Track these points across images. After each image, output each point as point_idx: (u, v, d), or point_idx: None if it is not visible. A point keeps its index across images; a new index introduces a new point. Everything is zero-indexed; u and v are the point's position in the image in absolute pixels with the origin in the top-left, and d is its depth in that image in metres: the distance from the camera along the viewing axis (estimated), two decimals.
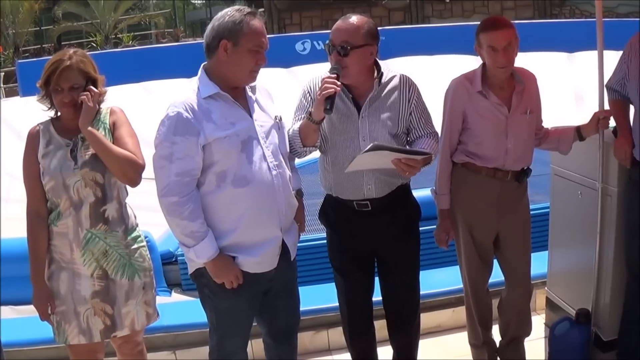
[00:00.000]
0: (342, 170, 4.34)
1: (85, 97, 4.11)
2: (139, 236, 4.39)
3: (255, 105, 4.06)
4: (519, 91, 4.74)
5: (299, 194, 4.35)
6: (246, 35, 3.83)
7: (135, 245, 4.34)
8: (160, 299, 5.79)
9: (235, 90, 3.98)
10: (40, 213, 4.20)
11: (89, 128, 4.10)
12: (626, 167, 4.76)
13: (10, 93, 26.39)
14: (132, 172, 4.16)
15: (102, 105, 4.29)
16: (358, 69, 4.29)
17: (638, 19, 24.46)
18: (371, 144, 4.00)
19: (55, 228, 4.19)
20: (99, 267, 4.20)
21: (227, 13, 3.90)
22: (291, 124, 4.34)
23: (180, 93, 3.97)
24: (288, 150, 4.22)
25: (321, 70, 4.35)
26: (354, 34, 4.24)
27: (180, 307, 6.69)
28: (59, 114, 4.27)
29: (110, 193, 4.21)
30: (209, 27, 3.94)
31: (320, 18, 32.66)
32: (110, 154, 4.11)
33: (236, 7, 3.96)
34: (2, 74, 28.22)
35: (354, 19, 4.31)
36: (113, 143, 4.17)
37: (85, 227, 4.17)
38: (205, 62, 4.01)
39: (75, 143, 4.15)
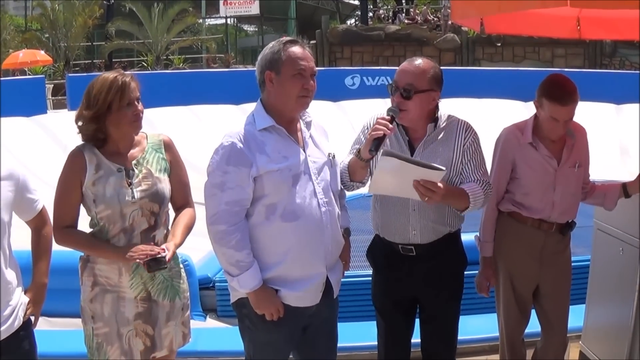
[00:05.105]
0: (390, 210, 4.37)
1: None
2: (178, 258, 4.42)
3: (310, 140, 4.09)
4: (570, 145, 4.76)
5: (347, 233, 4.34)
6: (286, 62, 3.90)
7: (176, 268, 4.38)
8: (195, 324, 5.82)
9: (290, 125, 4.02)
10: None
11: (172, 250, 4.15)
12: None
13: (57, 105, 26.30)
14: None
15: (146, 129, 4.32)
16: (419, 113, 4.26)
17: None
18: (382, 149, 4.02)
19: None
20: (144, 290, 4.20)
21: (268, 47, 4.01)
22: (346, 156, 4.36)
23: (235, 122, 4.03)
24: (339, 187, 4.24)
25: (369, 105, 4.34)
26: (420, 78, 4.22)
27: (215, 333, 6.73)
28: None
29: (160, 220, 4.24)
30: (256, 64, 4.04)
31: (371, 54, 32.74)
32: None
33: (278, 39, 4.04)
34: (51, 86, 28.28)
35: (421, 62, 4.30)
36: (170, 180, 4.27)
37: None
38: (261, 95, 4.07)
39: (128, 171, 4.13)
